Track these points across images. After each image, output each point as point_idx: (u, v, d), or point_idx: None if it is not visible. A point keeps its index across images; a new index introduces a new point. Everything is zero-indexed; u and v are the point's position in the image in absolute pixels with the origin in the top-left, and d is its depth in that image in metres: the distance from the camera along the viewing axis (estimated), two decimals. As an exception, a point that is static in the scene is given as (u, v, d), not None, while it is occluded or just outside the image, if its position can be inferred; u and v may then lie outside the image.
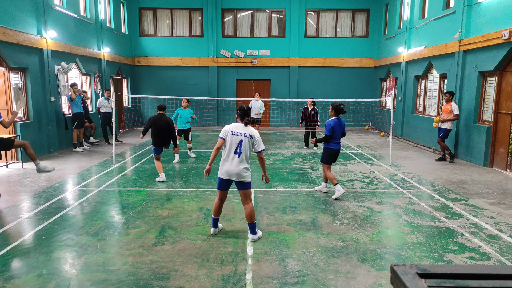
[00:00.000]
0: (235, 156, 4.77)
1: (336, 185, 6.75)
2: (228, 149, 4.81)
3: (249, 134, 4.81)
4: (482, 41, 9.49)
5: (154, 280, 3.89)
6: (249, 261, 4.33)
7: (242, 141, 4.78)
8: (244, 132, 4.81)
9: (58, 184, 7.62)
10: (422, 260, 4.44)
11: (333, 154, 6.84)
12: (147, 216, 5.81)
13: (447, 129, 10.05)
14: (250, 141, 4.83)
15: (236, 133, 4.81)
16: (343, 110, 6.78)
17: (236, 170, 4.76)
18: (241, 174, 4.77)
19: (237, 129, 4.83)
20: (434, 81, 12.71)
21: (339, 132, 6.82)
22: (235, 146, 4.78)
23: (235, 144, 4.78)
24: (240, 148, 4.77)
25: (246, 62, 18.29)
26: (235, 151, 4.77)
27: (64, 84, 11.39)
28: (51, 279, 3.91)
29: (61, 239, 4.92)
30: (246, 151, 4.81)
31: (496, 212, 6.13)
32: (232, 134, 4.81)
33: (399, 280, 0.92)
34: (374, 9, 18.12)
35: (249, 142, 4.82)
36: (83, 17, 13.16)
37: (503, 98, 9.04)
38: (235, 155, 4.77)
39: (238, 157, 4.77)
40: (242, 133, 4.80)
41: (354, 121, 17.59)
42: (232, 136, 4.81)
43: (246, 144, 4.80)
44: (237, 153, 4.77)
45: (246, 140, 4.80)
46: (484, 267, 0.96)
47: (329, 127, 6.71)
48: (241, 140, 4.78)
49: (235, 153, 4.77)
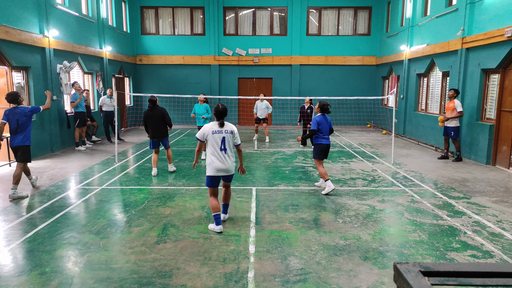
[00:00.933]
0: (221, 153, 5.06)
1: (327, 181, 6.92)
2: (213, 147, 5.06)
3: (229, 130, 5.14)
4: (484, 38, 9.44)
5: (156, 278, 3.90)
6: (251, 259, 4.34)
7: (224, 138, 5.09)
8: (224, 129, 5.11)
9: (60, 183, 7.65)
10: (425, 258, 4.44)
11: (323, 150, 7.08)
12: (149, 214, 5.83)
13: (456, 127, 9.82)
14: (232, 136, 5.16)
15: (217, 131, 5.07)
16: (328, 110, 7.15)
17: (226, 166, 5.09)
18: (229, 168, 5.14)
19: (216, 127, 5.10)
20: (437, 79, 12.67)
21: (326, 127, 7.10)
22: (219, 143, 5.06)
23: (219, 142, 5.06)
24: (224, 145, 5.08)
25: (248, 60, 18.27)
26: (221, 149, 5.06)
27: (66, 82, 11.43)
28: (54, 277, 3.92)
29: (64, 237, 4.94)
30: (230, 146, 5.15)
31: (499, 210, 6.11)
32: (213, 133, 5.06)
33: (402, 278, 0.92)
34: (376, 7, 18.06)
35: (230, 138, 5.15)
36: (85, 15, 13.18)
37: (506, 96, 9.01)
38: (222, 151, 5.06)
39: (225, 153, 5.08)
40: (223, 131, 5.09)
41: (356, 119, 17.58)
42: (214, 135, 5.06)
43: (229, 140, 5.13)
44: (223, 150, 5.07)
45: (228, 136, 5.12)
46: (487, 265, 0.96)
47: (315, 122, 7.05)
48: (224, 137, 5.08)
49: (221, 150, 5.06)
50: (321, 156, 7.07)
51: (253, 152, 11.31)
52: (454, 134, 9.85)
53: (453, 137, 9.89)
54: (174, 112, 17.65)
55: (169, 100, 17.17)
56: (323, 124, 7.07)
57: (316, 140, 7.10)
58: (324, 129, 7.07)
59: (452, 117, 9.79)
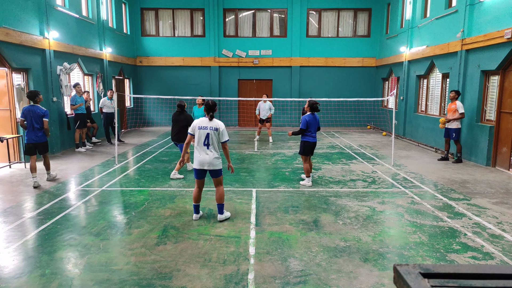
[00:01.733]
0: (204, 148, 5.39)
1: (308, 178, 7.61)
2: (197, 142, 5.42)
3: (214, 127, 5.39)
4: (484, 40, 9.46)
5: (156, 280, 3.90)
6: (251, 261, 4.34)
7: (208, 134, 5.36)
8: (209, 125, 5.39)
9: (60, 184, 7.64)
10: (425, 260, 4.44)
11: (310, 147, 7.51)
12: (149, 216, 5.83)
13: (457, 129, 9.80)
14: (216, 133, 5.40)
15: (203, 127, 5.39)
16: (317, 109, 7.51)
17: (207, 159, 5.37)
18: (212, 162, 5.38)
19: (203, 123, 5.41)
20: (437, 81, 12.68)
21: (314, 126, 7.52)
22: (203, 138, 5.37)
23: (203, 137, 5.37)
24: (208, 140, 5.37)
25: (248, 62, 18.29)
26: (204, 143, 5.38)
27: (66, 84, 11.43)
28: (54, 278, 3.92)
29: (64, 239, 4.94)
30: (214, 142, 5.39)
31: (499, 211, 6.11)
32: (199, 129, 5.40)
33: (402, 280, 0.92)
34: (376, 9, 18.09)
35: (215, 134, 5.40)
36: (85, 17, 13.20)
37: (506, 97, 9.01)
38: (204, 146, 5.39)
39: (208, 148, 5.38)
40: (208, 127, 5.39)
41: (356, 121, 17.59)
42: (200, 130, 5.39)
43: (213, 136, 5.38)
44: (205, 145, 5.39)
45: (212, 133, 5.37)
46: (487, 266, 0.96)
47: (304, 121, 7.42)
48: (208, 133, 5.36)
49: (204, 145, 5.39)
50: (307, 152, 7.51)
51: (253, 153, 11.31)
52: (455, 136, 9.83)
53: (455, 139, 9.86)
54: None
55: (169, 101, 17.20)
56: (312, 123, 7.47)
57: (303, 137, 7.51)
58: (312, 127, 7.49)
59: (453, 119, 9.78)
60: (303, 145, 7.51)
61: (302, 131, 7.45)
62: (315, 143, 7.57)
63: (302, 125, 7.42)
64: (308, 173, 7.57)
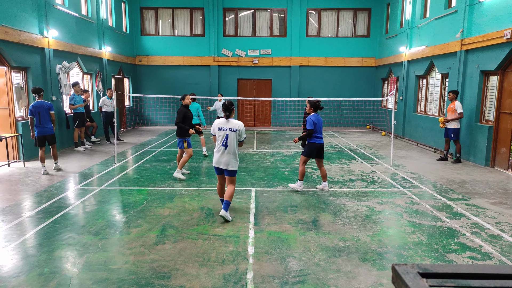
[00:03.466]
0: (221, 148, 5.53)
1: (300, 181, 7.14)
2: (217, 141, 5.60)
3: (233, 128, 5.53)
4: (484, 40, 9.46)
5: (155, 279, 3.90)
6: (250, 260, 4.34)
7: (227, 135, 5.50)
8: (228, 127, 5.53)
9: (59, 183, 7.64)
10: (423, 259, 4.44)
11: (317, 148, 7.05)
12: (148, 215, 5.82)
13: (456, 129, 9.81)
14: (235, 134, 5.53)
15: (222, 128, 5.56)
16: (320, 106, 7.14)
17: (224, 160, 5.52)
18: (228, 163, 5.52)
19: (222, 124, 5.59)
20: (436, 81, 12.69)
21: (320, 127, 7.08)
22: (221, 139, 5.53)
23: (221, 138, 5.53)
24: (226, 141, 5.50)
25: (247, 61, 18.29)
26: (222, 144, 5.53)
27: (65, 83, 11.42)
28: (52, 277, 3.92)
29: (62, 238, 4.94)
30: (231, 143, 5.50)
31: (498, 212, 6.12)
32: (218, 130, 5.58)
33: (401, 280, 0.92)
34: (375, 8, 18.10)
35: (234, 135, 5.52)
36: (84, 16, 13.18)
37: (505, 98, 9.02)
38: (222, 147, 5.53)
39: (225, 149, 5.51)
40: (227, 128, 5.53)
41: (356, 121, 17.59)
42: (219, 131, 5.57)
43: (232, 138, 5.50)
44: (223, 146, 5.52)
45: (231, 134, 5.51)
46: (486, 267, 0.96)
47: (310, 122, 7.00)
48: (227, 135, 5.50)
49: (222, 145, 5.53)
50: (311, 155, 7.07)
51: (252, 153, 11.31)
52: (454, 136, 9.84)
53: (453, 139, 9.88)
54: (173, 113, 17.66)
55: (168, 101, 17.19)
56: (318, 123, 7.05)
57: (309, 139, 7.07)
58: (319, 128, 7.05)
59: (452, 119, 9.79)
60: (309, 147, 7.04)
61: (310, 132, 6.96)
62: (322, 144, 7.09)
63: (309, 125, 6.98)
64: (303, 176, 7.14)
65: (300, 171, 7.12)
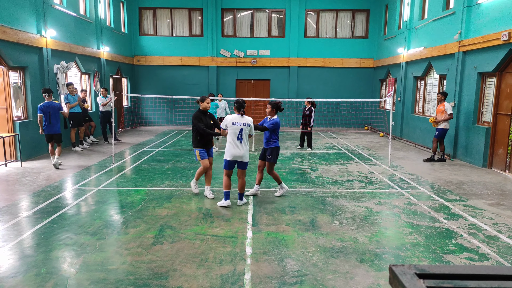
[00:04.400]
0: (238, 142, 5.95)
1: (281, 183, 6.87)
2: (232, 137, 5.96)
3: (247, 123, 6.04)
4: (481, 42, 9.50)
5: (153, 280, 3.89)
6: (248, 261, 4.33)
7: (242, 130, 5.96)
8: (243, 122, 6.00)
9: (57, 183, 7.61)
10: (421, 260, 4.45)
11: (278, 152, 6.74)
12: (146, 215, 5.81)
13: (443, 129, 10.00)
14: (248, 128, 6.07)
15: (236, 123, 5.97)
16: (281, 108, 6.75)
17: (241, 153, 5.98)
18: (244, 155, 6.01)
19: (236, 119, 6.00)
20: (434, 82, 12.72)
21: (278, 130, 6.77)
22: (237, 133, 5.94)
23: (237, 132, 5.94)
24: (241, 136, 5.96)
25: (245, 62, 18.29)
26: (237, 138, 5.95)
27: (63, 83, 11.39)
28: (49, 278, 3.90)
29: (60, 238, 4.92)
30: (245, 137, 6.02)
31: (495, 213, 6.13)
32: (233, 125, 5.96)
33: (398, 281, 0.92)
34: (374, 10, 18.13)
35: (247, 130, 6.04)
36: (82, 16, 13.15)
37: (503, 99, 9.05)
38: (238, 141, 5.95)
39: (241, 142, 5.96)
40: (242, 123, 5.99)
41: (354, 122, 17.61)
42: (233, 126, 5.96)
43: (245, 132, 6.01)
44: (239, 139, 5.96)
45: (245, 129, 6.01)
46: (483, 267, 0.96)
47: (276, 123, 6.61)
48: (241, 129, 5.96)
49: (237, 139, 5.95)
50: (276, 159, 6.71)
51: (250, 153, 11.30)
52: (437, 134, 10.05)
53: (435, 137, 10.10)
54: (171, 113, 17.66)
55: (167, 101, 17.17)
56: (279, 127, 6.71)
57: (274, 143, 6.62)
58: (278, 131, 6.72)
59: (442, 120, 9.92)
60: (276, 152, 6.64)
61: (264, 129, 6.57)
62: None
63: (270, 125, 6.57)
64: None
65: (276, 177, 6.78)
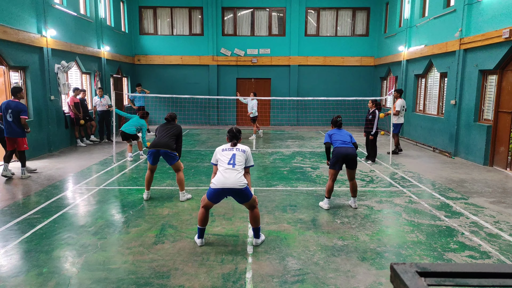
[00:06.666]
0: (228, 166, 4.53)
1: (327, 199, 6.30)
2: (221, 163, 4.62)
3: (241, 149, 4.71)
4: (482, 39, 9.47)
5: (154, 279, 3.90)
6: (249, 260, 4.34)
7: (234, 155, 4.63)
8: (235, 147, 4.73)
9: (58, 183, 7.62)
10: (422, 259, 4.45)
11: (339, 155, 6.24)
12: (147, 214, 5.82)
13: (396, 124, 10.77)
14: (244, 154, 4.68)
15: (227, 149, 4.71)
16: (337, 122, 6.68)
17: (229, 180, 4.45)
18: (234, 183, 4.44)
19: (226, 146, 4.76)
20: (435, 80, 12.70)
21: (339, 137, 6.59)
22: (228, 158, 4.60)
23: (228, 157, 4.61)
24: (233, 160, 4.58)
25: (246, 60, 18.27)
26: (228, 163, 4.56)
27: (64, 82, 11.39)
28: (51, 277, 3.91)
29: (61, 237, 4.93)
30: (240, 164, 4.59)
31: (496, 211, 6.13)
32: (223, 151, 4.70)
33: (399, 279, 0.92)
34: (374, 8, 18.09)
35: (243, 156, 4.66)
36: (83, 15, 13.15)
37: (504, 97, 9.03)
38: (229, 165, 4.54)
39: (233, 167, 4.53)
40: (234, 148, 4.70)
41: (354, 120, 17.58)
42: (223, 152, 4.68)
43: (240, 157, 4.63)
44: (230, 164, 4.55)
45: (239, 153, 4.66)
46: (484, 265, 0.96)
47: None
48: (234, 154, 4.64)
49: (228, 163, 4.55)
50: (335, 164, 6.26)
51: (253, 154, 11.30)
52: (394, 130, 10.82)
53: (394, 132, 10.84)
54: (172, 113, 17.61)
55: (167, 100, 17.17)
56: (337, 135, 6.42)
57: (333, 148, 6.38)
58: (333, 139, 6.45)
59: (390, 114, 10.75)
60: (333, 155, 6.25)
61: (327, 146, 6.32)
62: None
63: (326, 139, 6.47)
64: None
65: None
